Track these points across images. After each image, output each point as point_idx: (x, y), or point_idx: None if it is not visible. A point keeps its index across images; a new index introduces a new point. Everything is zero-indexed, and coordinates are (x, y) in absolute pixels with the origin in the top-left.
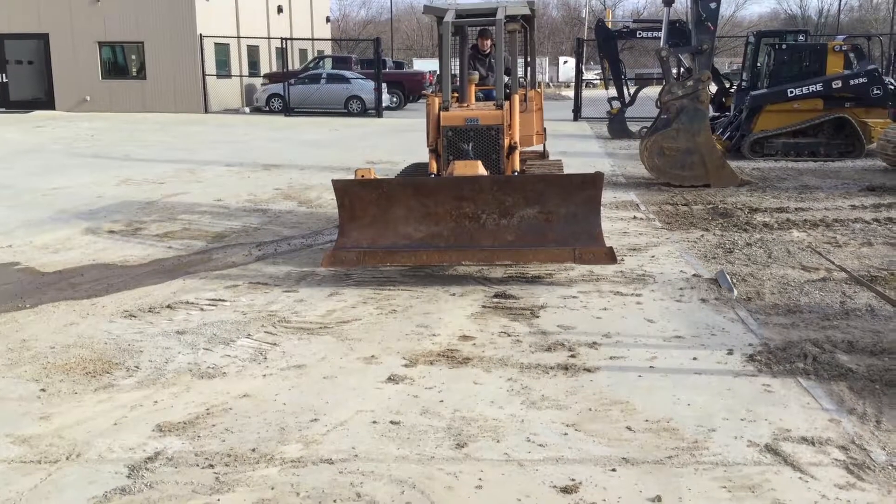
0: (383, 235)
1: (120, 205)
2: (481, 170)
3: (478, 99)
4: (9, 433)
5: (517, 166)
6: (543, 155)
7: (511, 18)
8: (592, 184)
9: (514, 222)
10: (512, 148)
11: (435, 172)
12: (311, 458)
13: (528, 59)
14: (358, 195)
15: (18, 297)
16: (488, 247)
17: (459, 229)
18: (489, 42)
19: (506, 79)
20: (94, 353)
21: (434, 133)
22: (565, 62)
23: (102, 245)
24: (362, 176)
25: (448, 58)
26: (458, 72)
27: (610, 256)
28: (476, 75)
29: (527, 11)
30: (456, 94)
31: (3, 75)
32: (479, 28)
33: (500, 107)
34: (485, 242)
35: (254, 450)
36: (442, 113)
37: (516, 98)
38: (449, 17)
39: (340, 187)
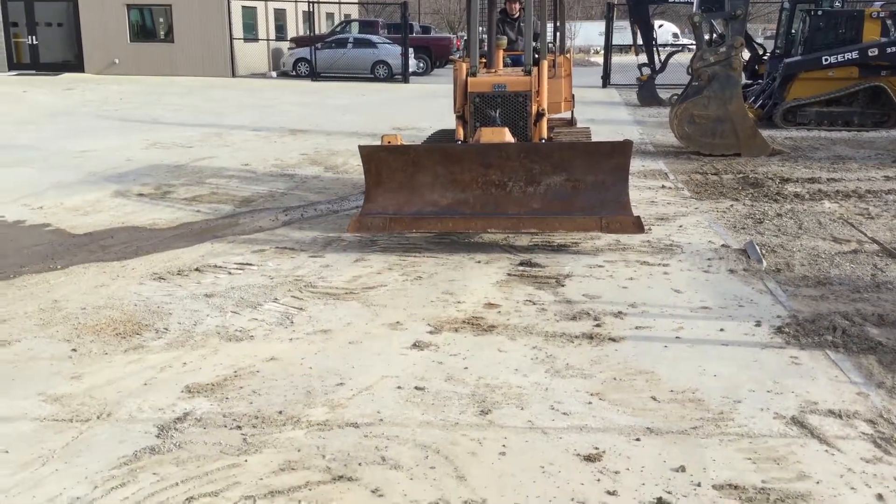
0: (409, 202)
1: (149, 168)
2: (508, 137)
3: (506, 65)
4: (41, 392)
5: (545, 133)
6: (571, 122)
7: None
8: (621, 151)
9: (540, 190)
10: (539, 115)
11: (462, 139)
12: (336, 421)
13: (558, 24)
14: (384, 161)
15: (49, 258)
16: (514, 215)
17: (486, 196)
18: (518, 6)
19: (534, 44)
20: (124, 315)
21: (461, 99)
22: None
23: (131, 208)
24: (388, 142)
25: (475, 22)
26: (486, 37)
27: (637, 226)
28: (504, 40)
29: None
30: (484, 60)
31: (34, 37)
32: None
33: (528, 73)
34: (511, 210)
35: (280, 412)
36: (469, 79)
37: (545, 64)
38: None
39: (367, 153)
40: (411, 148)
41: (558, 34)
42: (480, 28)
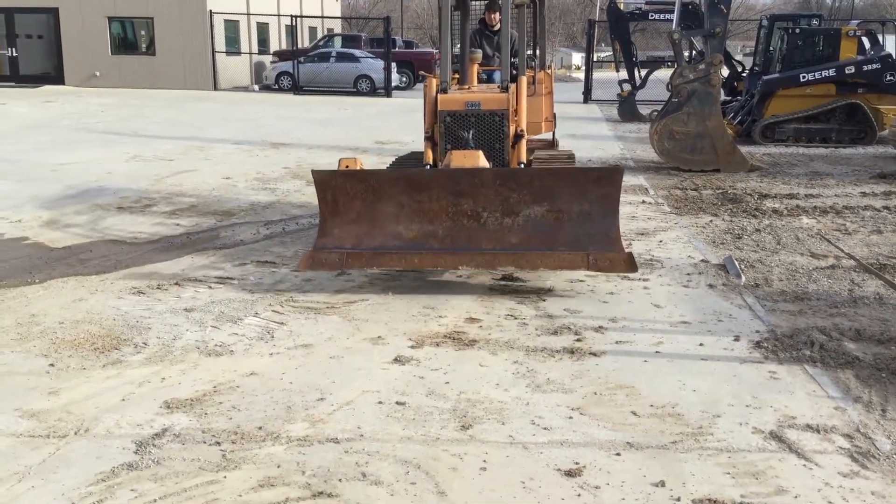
0: (370, 235)
1: (129, 181)
2: (482, 161)
3: (480, 81)
4: (18, 407)
5: (524, 157)
6: (553, 143)
7: None
8: (610, 179)
9: (519, 222)
10: (518, 136)
11: (431, 163)
12: (316, 436)
13: (537, 38)
14: (341, 188)
15: (27, 272)
16: (489, 250)
17: (457, 229)
18: (498, 16)
19: (513, 59)
20: (103, 329)
21: (430, 118)
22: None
23: (111, 221)
24: (346, 166)
25: (447, 33)
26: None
27: (629, 264)
28: (479, 54)
29: None
30: (457, 76)
31: (13, 49)
32: (486, 1)
33: (505, 90)
34: (485, 244)
35: (260, 428)
36: (439, 96)
37: (523, 80)
38: None
39: (321, 179)
40: (372, 173)
41: (538, 48)
42: (455, 40)
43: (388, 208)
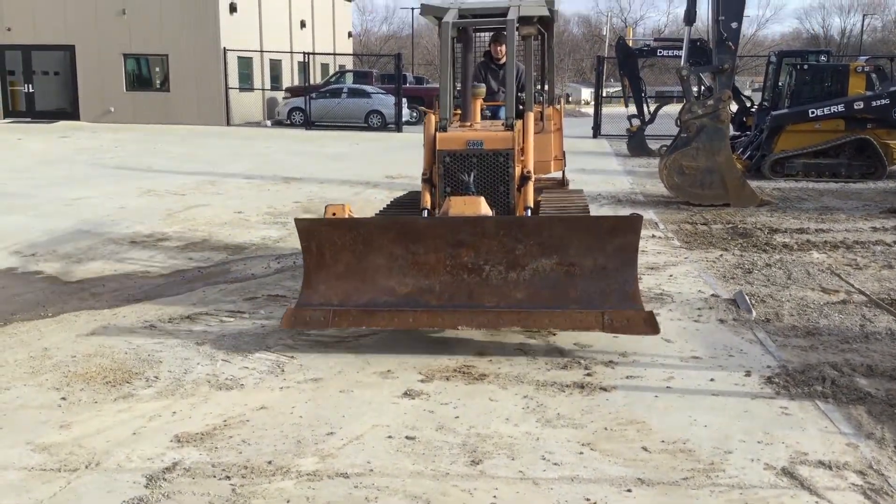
0: (359, 290)
1: (142, 215)
2: (484, 208)
3: (484, 117)
4: (29, 441)
5: (531, 202)
6: (563, 183)
7: (526, 20)
8: (629, 228)
9: (525, 276)
10: (524, 178)
11: (428, 208)
12: (326, 471)
13: (546, 71)
14: (328, 238)
15: (41, 305)
16: (492, 307)
17: (456, 284)
18: (505, 48)
19: (520, 94)
20: (115, 363)
21: (429, 158)
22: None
23: (124, 255)
24: (333, 214)
25: (448, 66)
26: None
27: (650, 324)
28: (482, 88)
29: (544, 12)
30: (458, 112)
31: (30, 86)
32: (492, 32)
33: (510, 127)
34: (488, 301)
35: (270, 462)
36: (438, 134)
37: (530, 116)
38: (450, 18)
39: (305, 228)
40: (361, 222)
41: (546, 82)
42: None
43: (379, 260)
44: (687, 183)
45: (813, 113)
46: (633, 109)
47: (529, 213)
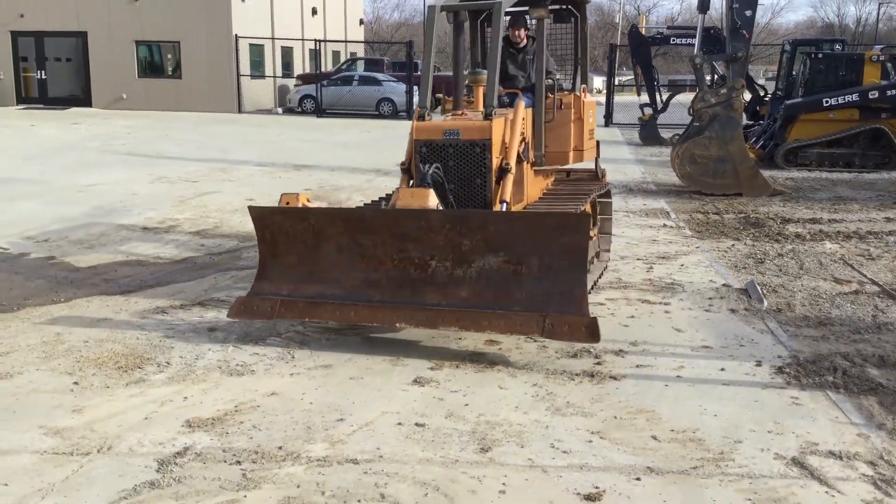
0: (308, 281)
1: (154, 202)
2: (431, 201)
3: (501, 104)
4: (42, 425)
5: (508, 195)
6: (597, 174)
7: (536, 2)
8: (575, 227)
9: (471, 274)
10: (503, 170)
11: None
12: (336, 457)
13: (578, 56)
14: (280, 227)
15: (53, 290)
16: (434, 305)
17: (402, 279)
18: (524, 32)
19: (547, 80)
20: (127, 348)
21: (409, 147)
22: None
23: (136, 241)
24: (287, 203)
25: (431, 52)
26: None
27: (590, 332)
28: (483, 75)
29: None
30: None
31: (42, 72)
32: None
33: (488, 116)
34: (430, 299)
35: (280, 448)
36: (415, 123)
37: (520, 105)
38: (438, 1)
39: (258, 216)
40: (311, 211)
41: (579, 68)
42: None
43: (329, 251)
44: (699, 172)
45: (827, 102)
46: (645, 98)
47: (504, 208)
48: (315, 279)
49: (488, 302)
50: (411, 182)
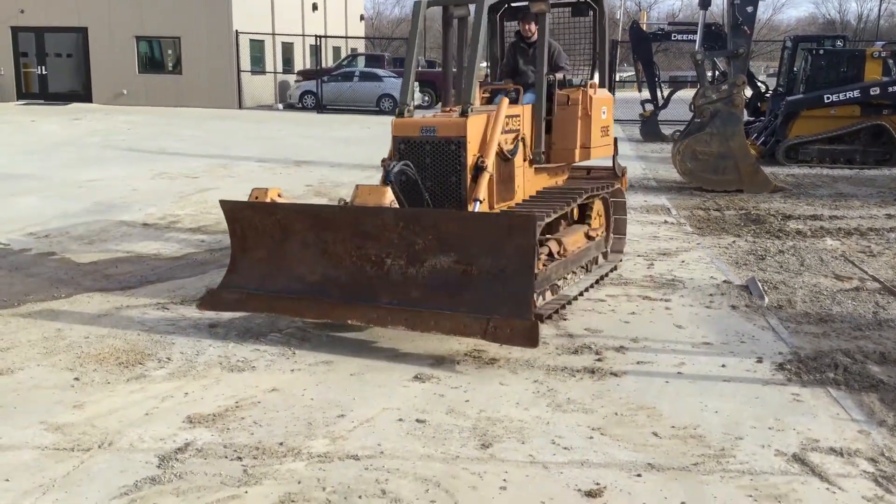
0: (274, 275)
1: (154, 198)
2: (388, 198)
3: (513, 101)
4: (43, 420)
5: (481, 194)
6: (616, 173)
7: None
8: (522, 229)
9: (423, 273)
10: (479, 169)
11: None
12: (337, 453)
13: (597, 50)
14: (250, 221)
15: (54, 286)
16: (385, 304)
17: (359, 276)
18: (534, 27)
19: (557, 76)
20: (127, 344)
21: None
22: None
23: (137, 237)
24: (256, 197)
25: (415, 48)
26: (495, 65)
27: (528, 337)
28: (482, 70)
29: None
30: (487, 94)
31: (43, 68)
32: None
33: (464, 113)
34: (383, 297)
35: (281, 443)
36: (394, 120)
37: (504, 102)
38: None
39: (229, 210)
40: (278, 206)
41: (598, 63)
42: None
43: (294, 246)
44: (700, 168)
45: (828, 98)
46: (646, 94)
47: (478, 207)
48: (281, 274)
49: (439, 302)
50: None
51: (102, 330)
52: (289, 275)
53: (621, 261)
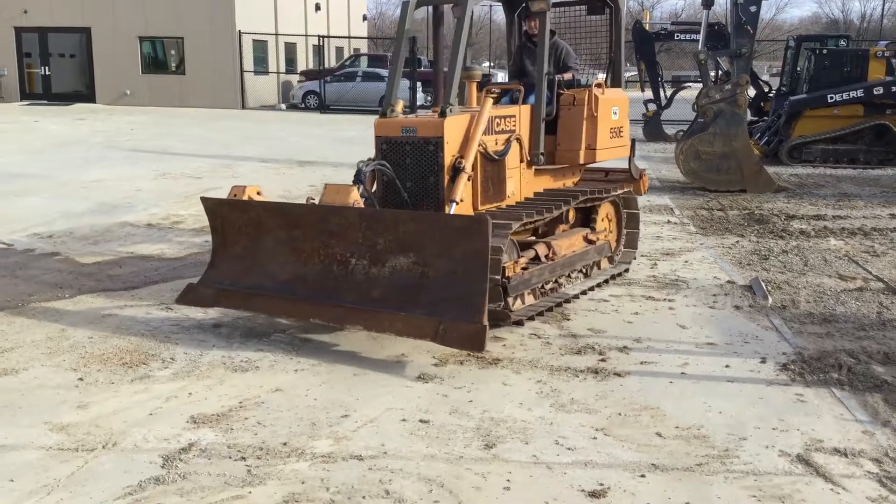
0: (249, 272)
1: (157, 198)
2: (353, 197)
3: (514, 101)
4: (47, 421)
5: (457, 195)
6: (633, 175)
7: None
8: (476, 231)
9: (385, 273)
10: (455, 170)
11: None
12: (340, 453)
13: (612, 50)
14: (228, 218)
15: (58, 287)
16: (347, 303)
17: (326, 274)
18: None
19: (564, 76)
20: (131, 344)
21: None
22: None
23: (140, 237)
24: (235, 195)
25: (401, 49)
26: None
27: (473, 342)
28: (477, 71)
29: None
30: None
31: (46, 68)
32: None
33: (443, 114)
34: (347, 296)
35: (285, 444)
36: (377, 120)
37: (488, 102)
38: None
39: (210, 207)
40: (252, 204)
41: (614, 63)
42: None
43: (268, 244)
44: (703, 168)
45: (831, 98)
46: (649, 94)
47: (453, 208)
48: (254, 271)
49: (398, 303)
50: (375, 180)
51: (106, 330)
52: (261, 272)
53: (627, 270)
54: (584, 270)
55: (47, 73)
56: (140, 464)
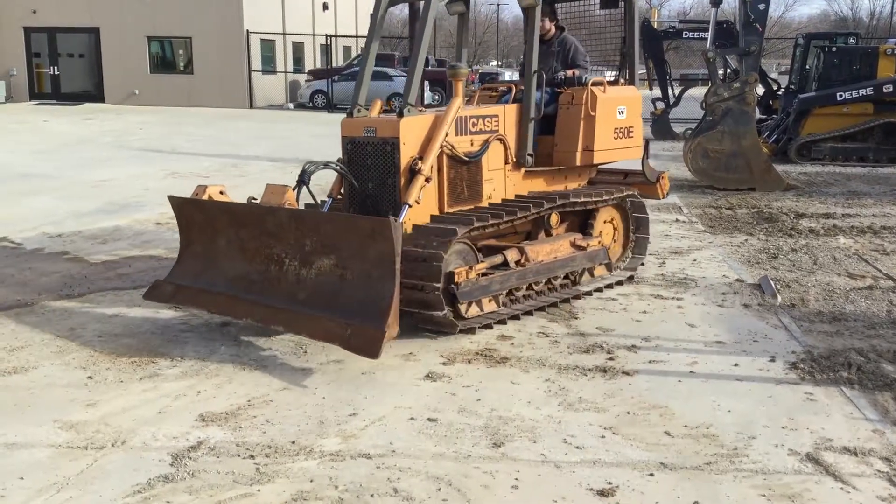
0: (206, 270)
1: (166, 197)
2: (288, 197)
3: (516, 100)
4: (57, 419)
5: (411, 198)
6: (647, 177)
7: None
8: (381, 233)
9: (311, 275)
10: (413, 171)
11: (330, 196)
12: (349, 452)
13: (626, 46)
14: (191, 217)
15: (67, 285)
16: (273, 304)
17: (266, 274)
18: (548, 23)
19: (573, 72)
20: (140, 343)
21: None
22: None
23: (149, 236)
24: (197, 194)
25: (372, 45)
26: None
27: (370, 345)
28: (463, 69)
29: None
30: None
31: (55, 68)
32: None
33: (401, 114)
34: (277, 297)
35: (293, 442)
36: (342, 120)
37: (455, 101)
38: None
39: (176, 205)
40: (206, 204)
41: (627, 60)
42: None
43: (222, 243)
44: (712, 167)
45: (841, 96)
46: (657, 92)
47: (405, 210)
48: (209, 270)
49: (319, 304)
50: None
51: (115, 329)
52: (213, 271)
53: (632, 277)
54: (571, 277)
55: (56, 72)
56: (149, 462)
